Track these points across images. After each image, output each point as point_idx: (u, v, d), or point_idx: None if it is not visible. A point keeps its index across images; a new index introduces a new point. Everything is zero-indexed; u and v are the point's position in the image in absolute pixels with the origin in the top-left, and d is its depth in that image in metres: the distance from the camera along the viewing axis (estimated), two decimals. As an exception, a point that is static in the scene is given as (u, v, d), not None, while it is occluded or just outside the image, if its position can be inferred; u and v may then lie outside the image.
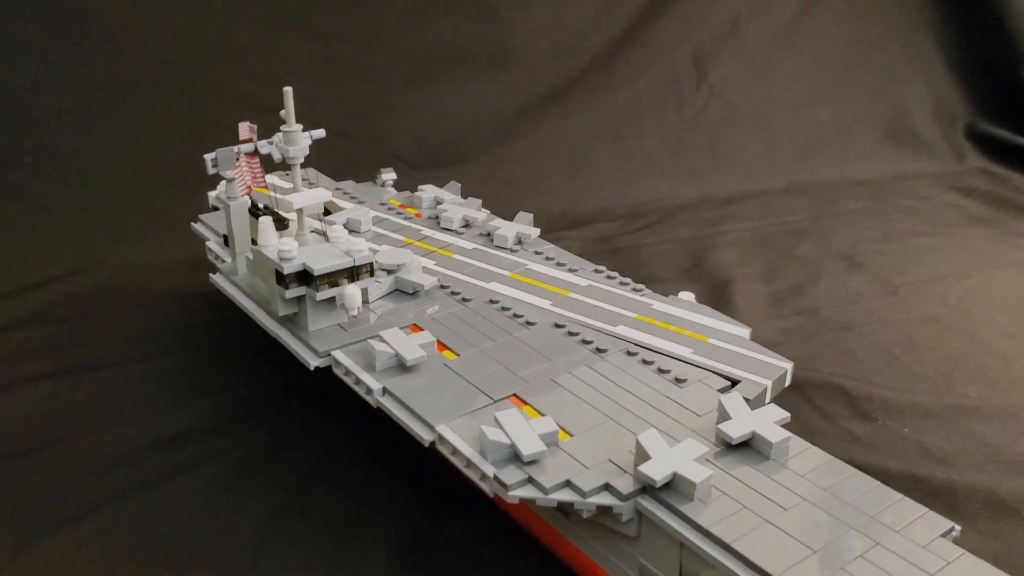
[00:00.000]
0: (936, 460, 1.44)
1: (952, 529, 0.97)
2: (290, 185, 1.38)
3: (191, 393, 1.60)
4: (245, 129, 1.34)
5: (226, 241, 1.55)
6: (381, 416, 1.21)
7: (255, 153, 1.35)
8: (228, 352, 1.72)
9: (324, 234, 1.36)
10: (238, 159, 1.39)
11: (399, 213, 1.78)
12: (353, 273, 1.30)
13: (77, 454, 1.44)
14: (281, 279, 1.29)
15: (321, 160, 1.50)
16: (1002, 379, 1.67)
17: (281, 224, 1.37)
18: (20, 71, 2.27)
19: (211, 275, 1.55)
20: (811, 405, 1.58)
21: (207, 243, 1.67)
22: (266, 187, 1.36)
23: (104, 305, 1.93)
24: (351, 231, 1.66)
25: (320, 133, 1.37)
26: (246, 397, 1.58)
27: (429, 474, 1.34)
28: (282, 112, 1.32)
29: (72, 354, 1.73)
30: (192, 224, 1.78)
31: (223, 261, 1.58)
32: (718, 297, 1.97)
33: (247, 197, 1.42)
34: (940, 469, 1.41)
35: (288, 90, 1.30)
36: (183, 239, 1.91)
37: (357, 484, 1.36)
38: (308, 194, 1.32)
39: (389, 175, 1.93)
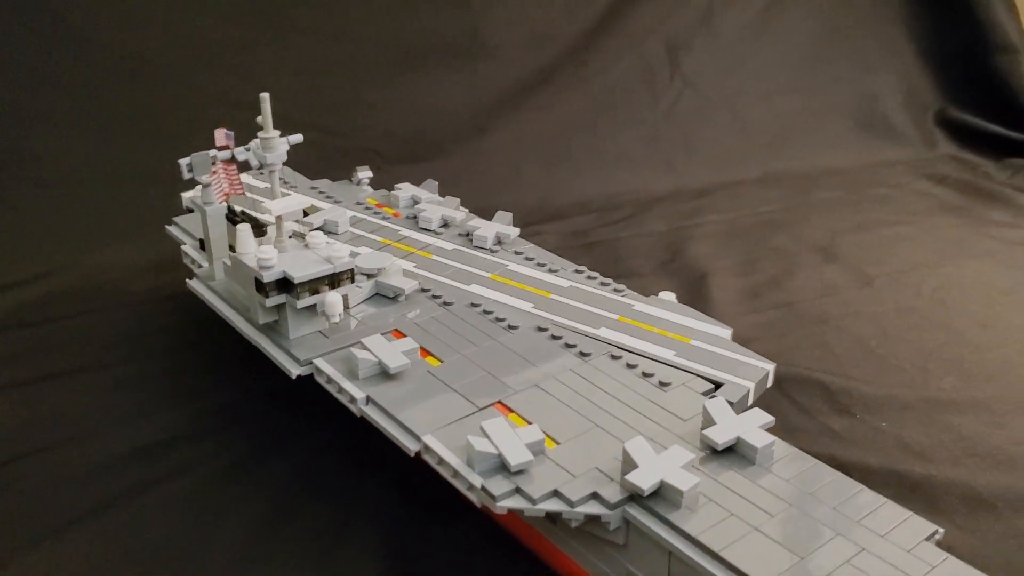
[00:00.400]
0: (914, 455, 1.45)
1: (936, 532, 0.98)
2: (264, 184, 1.36)
3: (170, 399, 1.58)
4: (221, 136, 1.32)
5: (202, 245, 1.54)
6: (366, 421, 1.20)
7: (232, 160, 1.34)
8: (207, 355, 1.70)
9: (302, 236, 1.35)
10: (214, 163, 1.38)
11: (376, 213, 1.77)
12: (334, 280, 1.29)
13: (57, 464, 1.42)
14: (261, 287, 1.27)
15: (296, 155, 1.48)
16: (976, 371, 1.70)
17: (259, 230, 1.36)
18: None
19: (188, 281, 1.53)
20: (790, 401, 1.59)
21: (183, 247, 1.65)
22: (244, 194, 1.34)
23: (78, 308, 1.89)
24: (328, 232, 1.66)
25: (297, 138, 1.36)
26: (227, 402, 1.57)
27: (416, 481, 1.33)
28: (259, 118, 1.30)
29: (47, 360, 1.70)
30: (166, 227, 1.76)
31: (200, 266, 1.56)
32: (695, 292, 1.97)
33: (224, 204, 1.41)
34: (918, 464, 1.43)
35: (265, 96, 1.28)
36: (157, 239, 1.87)
37: (343, 492, 1.35)
38: (287, 201, 1.31)
39: (365, 173, 1.91)
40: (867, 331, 1.83)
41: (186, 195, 1.73)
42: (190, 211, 1.73)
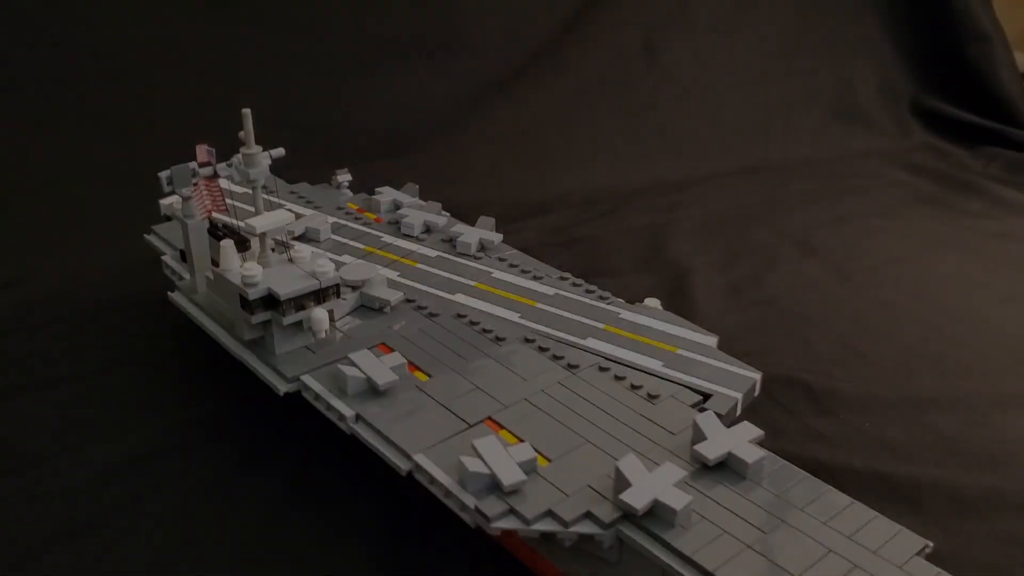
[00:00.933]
0: (897, 455, 1.47)
1: (926, 547, 0.99)
2: (243, 190, 1.33)
3: (152, 410, 1.55)
4: (203, 152, 1.30)
5: (183, 256, 1.52)
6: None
7: (215, 176, 1.32)
8: (187, 364, 1.68)
9: (284, 245, 1.33)
10: (195, 175, 1.35)
11: (357, 218, 1.76)
12: (320, 295, 1.28)
13: (36, 481, 1.39)
14: (246, 305, 1.26)
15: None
16: (955, 367, 1.72)
17: (243, 245, 1.34)
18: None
19: (170, 294, 1.51)
20: (774, 402, 1.59)
21: (163, 258, 1.63)
22: (227, 210, 1.33)
23: (49, 316, 1.84)
24: (310, 240, 1.65)
25: (279, 152, 1.35)
26: (210, 412, 1.55)
27: (407, 493, 1.32)
28: (241, 134, 1.28)
29: (19, 372, 1.66)
30: (145, 236, 1.73)
31: (181, 278, 1.54)
32: (676, 290, 1.97)
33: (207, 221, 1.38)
34: (902, 465, 1.44)
35: (247, 112, 1.26)
36: (130, 242, 1.84)
37: (331, 503, 1.35)
38: (270, 217, 1.29)
39: (345, 176, 1.90)
40: (848, 328, 1.85)
41: (164, 202, 1.70)
42: (168, 219, 1.71)
